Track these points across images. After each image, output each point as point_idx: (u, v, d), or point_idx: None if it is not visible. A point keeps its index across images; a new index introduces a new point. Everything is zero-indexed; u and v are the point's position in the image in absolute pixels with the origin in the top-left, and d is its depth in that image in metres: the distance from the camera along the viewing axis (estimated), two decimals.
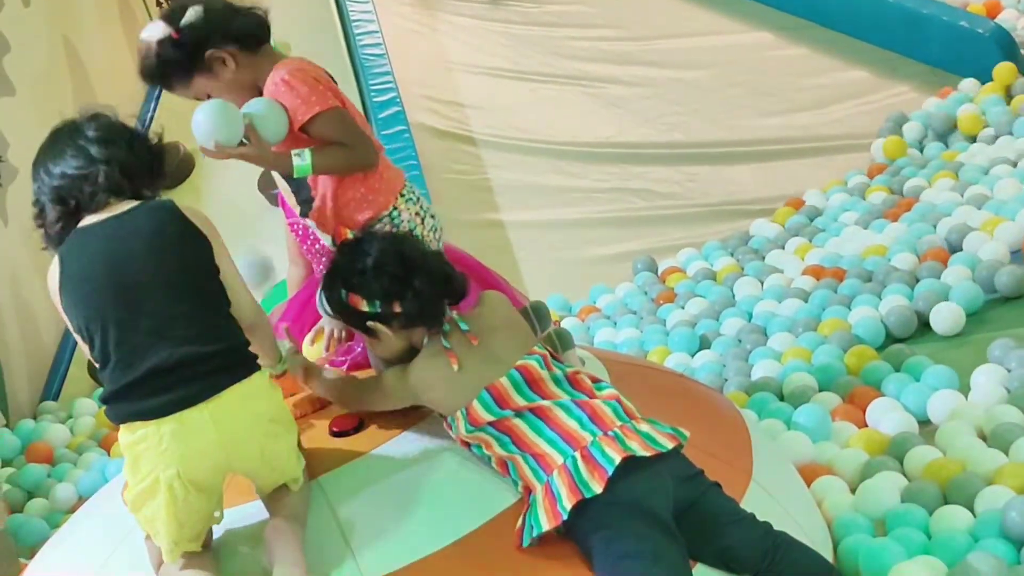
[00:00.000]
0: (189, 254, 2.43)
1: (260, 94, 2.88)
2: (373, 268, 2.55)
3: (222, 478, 2.41)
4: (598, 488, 2.33)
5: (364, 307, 2.56)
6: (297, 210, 3.01)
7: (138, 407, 2.33)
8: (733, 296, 4.85)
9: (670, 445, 2.45)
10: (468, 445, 2.54)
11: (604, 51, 6.73)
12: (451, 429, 2.55)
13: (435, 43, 6.90)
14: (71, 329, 2.42)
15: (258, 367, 2.43)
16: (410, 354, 2.62)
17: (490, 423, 2.48)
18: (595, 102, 6.44)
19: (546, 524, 2.34)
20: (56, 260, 2.45)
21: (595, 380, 2.59)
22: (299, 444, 2.56)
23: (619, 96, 6.44)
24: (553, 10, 7.03)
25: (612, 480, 2.33)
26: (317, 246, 3.05)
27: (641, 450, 2.39)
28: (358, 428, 2.73)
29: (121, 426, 2.37)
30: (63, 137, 2.52)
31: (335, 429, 2.73)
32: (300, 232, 3.16)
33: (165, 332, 2.34)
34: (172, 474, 2.32)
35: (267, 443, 2.41)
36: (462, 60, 6.72)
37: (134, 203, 2.47)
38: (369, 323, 2.57)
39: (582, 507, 2.33)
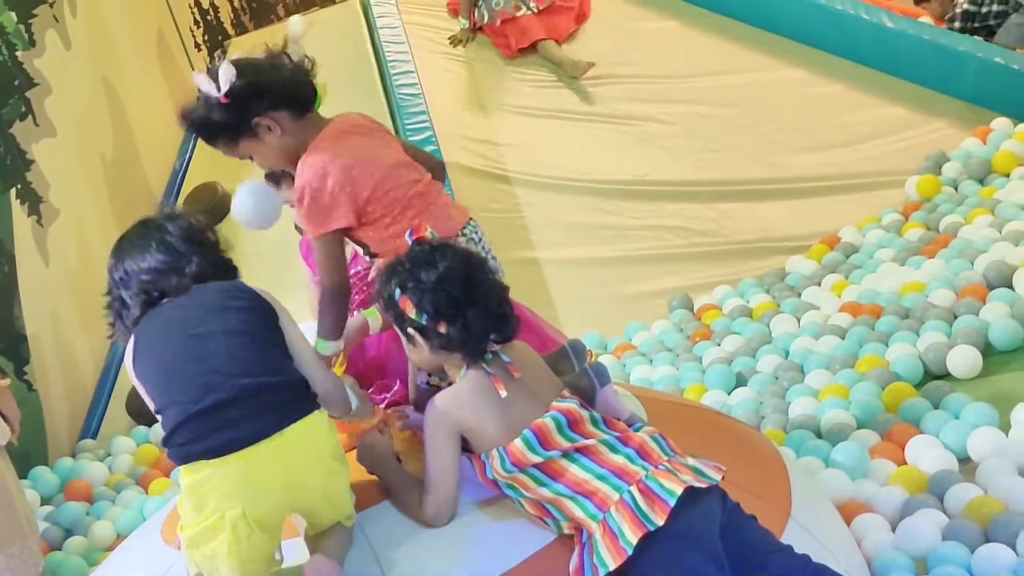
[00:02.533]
0: (251, 314, 2.52)
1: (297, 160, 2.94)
2: (434, 282, 2.52)
3: (283, 518, 2.43)
4: (660, 520, 2.32)
5: (411, 313, 2.53)
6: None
7: (202, 446, 2.36)
8: (770, 333, 4.83)
9: (718, 477, 2.45)
10: (496, 484, 2.52)
11: (637, 89, 6.75)
12: (484, 468, 2.52)
13: (470, 83, 6.95)
14: (151, 402, 2.50)
15: (317, 405, 2.47)
16: (441, 371, 2.61)
17: (535, 465, 2.46)
18: (629, 139, 6.45)
19: (611, 563, 2.32)
20: (132, 339, 2.56)
21: (628, 423, 2.59)
22: None
23: (653, 133, 6.45)
24: (586, 48, 7.04)
25: (672, 513, 2.33)
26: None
27: (695, 482, 2.39)
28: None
29: (183, 467, 2.40)
30: (148, 233, 2.63)
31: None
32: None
33: (227, 369, 2.41)
34: (237, 514, 2.34)
35: (329, 481, 2.44)
36: (496, 99, 6.76)
37: None
38: (410, 330, 2.56)
39: (643, 542, 2.32)
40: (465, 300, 2.51)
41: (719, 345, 4.84)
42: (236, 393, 2.37)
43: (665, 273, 5.67)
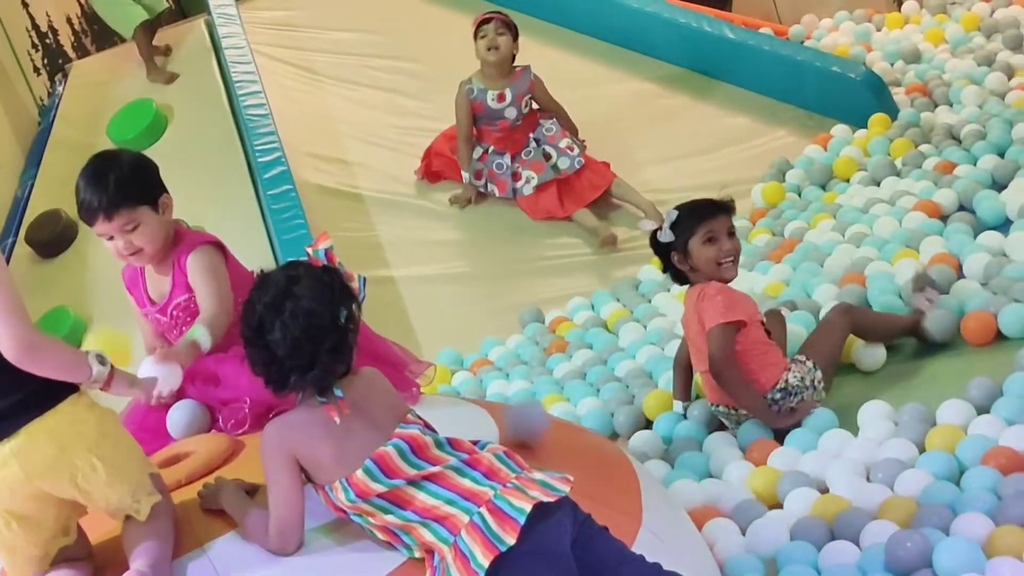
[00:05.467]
0: None
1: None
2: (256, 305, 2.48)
3: (47, 508, 2.46)
4: (511, 539, 2.31)
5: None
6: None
7: None
8: (618, 341, 4.86)
9: (566, 489, 2.45)
10: (345, 512, 2.49)
11: None
12: (328, 498, 2.49)
13: (319, 103, 6.90)
14: None
15: (64, 396, 2.44)
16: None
17: (380, 495, 2.43)
18: None
19: None
20: None
21: (474, 441, 2.58)
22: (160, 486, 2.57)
23: None
24: (436, 69, 7.02)
25: (523, 530, 2.32)
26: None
27: (544, 497, 2.38)
28: None
29: None
30: None
31: None
32: (156, 321, 3.23)
33: None
34: None
35: (78, 474, 2.43)
36: (346, 119, 6.73)
37: None
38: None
39: (496, 563, 2.31)
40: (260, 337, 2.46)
41: (570, 358, 4.85)
42: None
43: (520, 288, 5.68)
